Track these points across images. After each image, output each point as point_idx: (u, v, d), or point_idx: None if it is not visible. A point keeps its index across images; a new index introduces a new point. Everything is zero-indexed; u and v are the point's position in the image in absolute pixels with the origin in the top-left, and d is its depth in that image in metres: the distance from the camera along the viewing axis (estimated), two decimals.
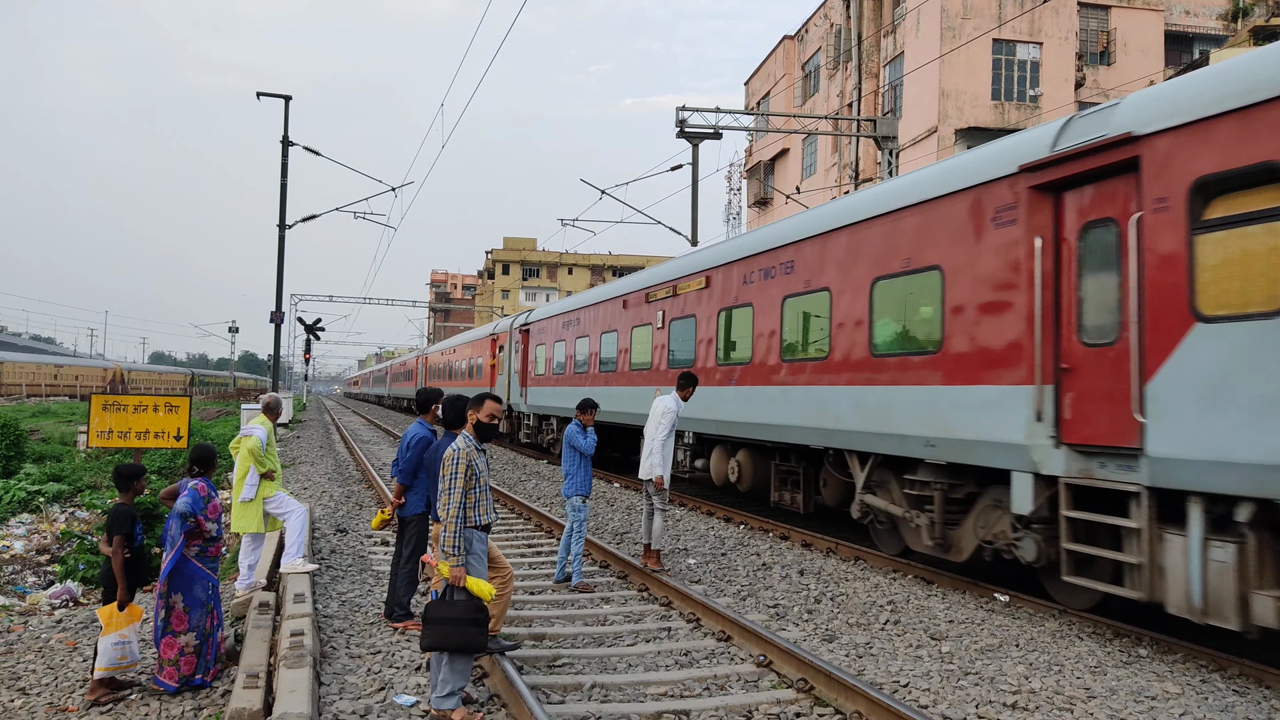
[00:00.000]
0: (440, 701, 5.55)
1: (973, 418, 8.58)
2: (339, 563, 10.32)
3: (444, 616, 5.48)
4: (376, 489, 16.80)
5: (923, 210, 9.50)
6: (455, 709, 5.52)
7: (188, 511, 6.52)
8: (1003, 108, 32.16)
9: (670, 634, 7.68)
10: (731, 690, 6.29)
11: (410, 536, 7.89)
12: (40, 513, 16.70)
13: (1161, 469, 6.74)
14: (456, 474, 5.63)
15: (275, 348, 28.28)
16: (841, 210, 11.17)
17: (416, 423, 8.04)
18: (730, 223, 62.41)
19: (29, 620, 8.79)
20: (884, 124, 24.08)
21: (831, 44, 40.02)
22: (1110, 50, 33.48)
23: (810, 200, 32.15)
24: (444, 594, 5.59)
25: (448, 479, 5.64)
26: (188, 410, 11.52)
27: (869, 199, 10.71)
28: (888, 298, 10.08)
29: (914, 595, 8.83)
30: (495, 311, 74.12)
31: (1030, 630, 7.60)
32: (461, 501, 5.62)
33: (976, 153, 9.18)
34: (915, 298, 9.65)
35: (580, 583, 9.33)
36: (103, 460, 22.01)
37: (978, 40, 31.19)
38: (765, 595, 8.98)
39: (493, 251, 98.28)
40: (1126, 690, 6.15)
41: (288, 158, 25.52)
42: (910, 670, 6.56)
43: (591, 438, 9.64)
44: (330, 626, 7.62)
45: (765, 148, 46.70)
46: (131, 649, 6.39)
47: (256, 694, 5.44)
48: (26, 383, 72.60)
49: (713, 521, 13.64)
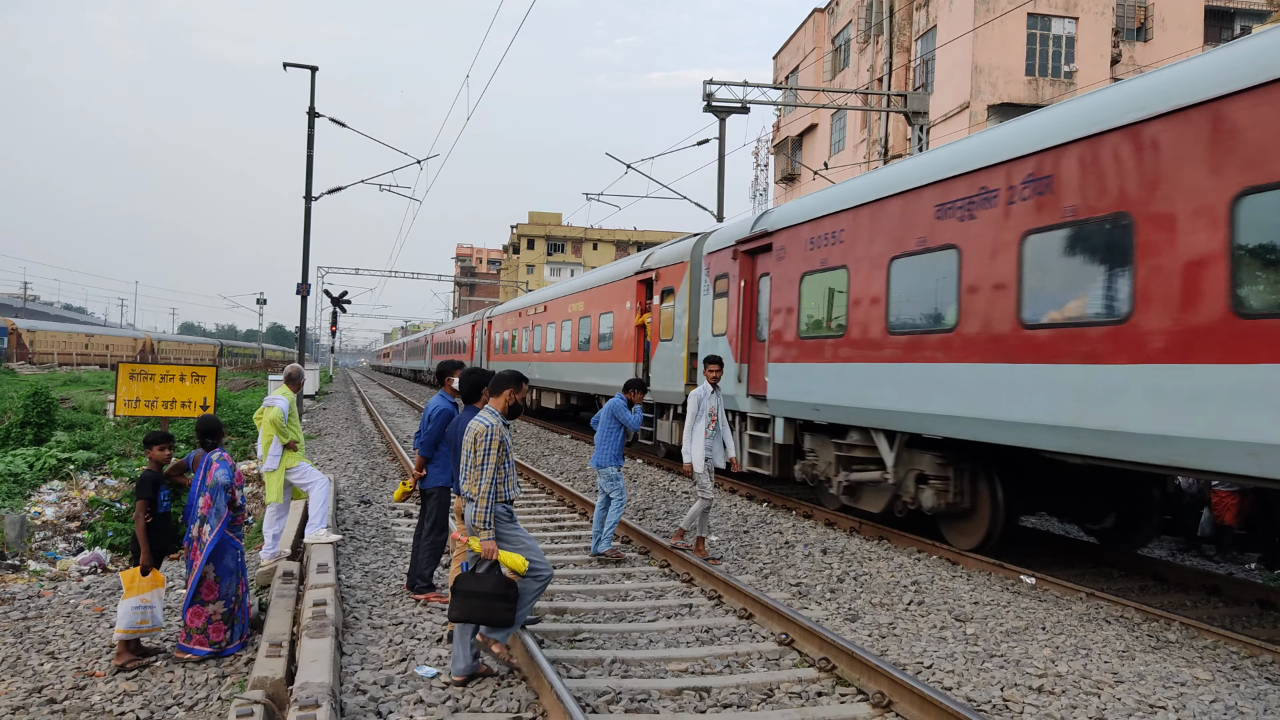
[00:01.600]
0: (461, 671, 5.74)
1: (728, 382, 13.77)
2: (362, 534, 10.37)
3: (473, 590, 5.56)
4: (400, 461, 16.88)
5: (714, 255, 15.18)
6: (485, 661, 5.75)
7: (229, 482, 6.57)
8: (1037, 84, 31.59)
9: (691, 610, 7.66)
10: (753, 668, 6.26)
11: (431, 509, 7.90)
12: (70, 480, 16.94)
13: (772, 405, 12.65)
14: (490, 450, 5.68)
15: (302, 320, 28.42)
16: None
17: (438, 395, 8.06)
18: (756, 199, 61.96)
19: (58, 586, 8.91)
20: (915, 99, 23.72)
21: (862, 17, 39.43)
22: (1148, 26, 32.74)
23: (838, 177, 31.77)
24: (473, 567, 5.68)
25: (480, 455, 5.68)
26: (214, 380, 11.60)
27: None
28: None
29: (938, 576, 8.75)
30: (520, 286, 74.11)
31: (1057, 613, 7.51)
32: (493, 478, 5.67)
33: (727, 224, 15.91)
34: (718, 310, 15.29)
35: (612, 549, 9.36)
36: (131, 429, 22.27)
37: (1012, 14, 30.59)
38: (787, 574, 8.93)
39: (518, 226, 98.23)
40: (1155, 675, 6.05)
41: (314, 129, 25.51)
42: (934, 651, 6.50)
43: (638, 413, 9.68)
44: (353, 597, 7.66)
45: (793, 123, 46.21)
46: (154, 614, 6.43)
47: (279, 663, 5.47)
48: (58, 351, 73.62)
49: (735, 499, 13.60)
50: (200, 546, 6.49)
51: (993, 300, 8.70)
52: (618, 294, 20.19)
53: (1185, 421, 6.79)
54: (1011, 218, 8.54)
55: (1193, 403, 6.74)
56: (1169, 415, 6.93)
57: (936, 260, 9.50)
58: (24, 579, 9.90)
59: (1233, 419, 6.45)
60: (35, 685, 5.96)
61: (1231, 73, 6.69)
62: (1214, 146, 6.70)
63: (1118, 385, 7.34)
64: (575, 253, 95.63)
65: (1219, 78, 6.78)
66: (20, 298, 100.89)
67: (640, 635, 6.90)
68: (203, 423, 7.10)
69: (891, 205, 10.32)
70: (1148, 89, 7.45)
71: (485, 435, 5.70)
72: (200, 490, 6.62)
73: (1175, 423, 6.87)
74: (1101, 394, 7.47)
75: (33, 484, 16.38)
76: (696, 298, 15.95)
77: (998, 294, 8.63)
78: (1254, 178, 6.38)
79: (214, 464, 6.68)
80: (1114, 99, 7.79)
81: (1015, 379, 8.38)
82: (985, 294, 8.81)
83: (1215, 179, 6.65)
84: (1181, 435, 6.82)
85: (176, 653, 6.45)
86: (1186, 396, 6.79)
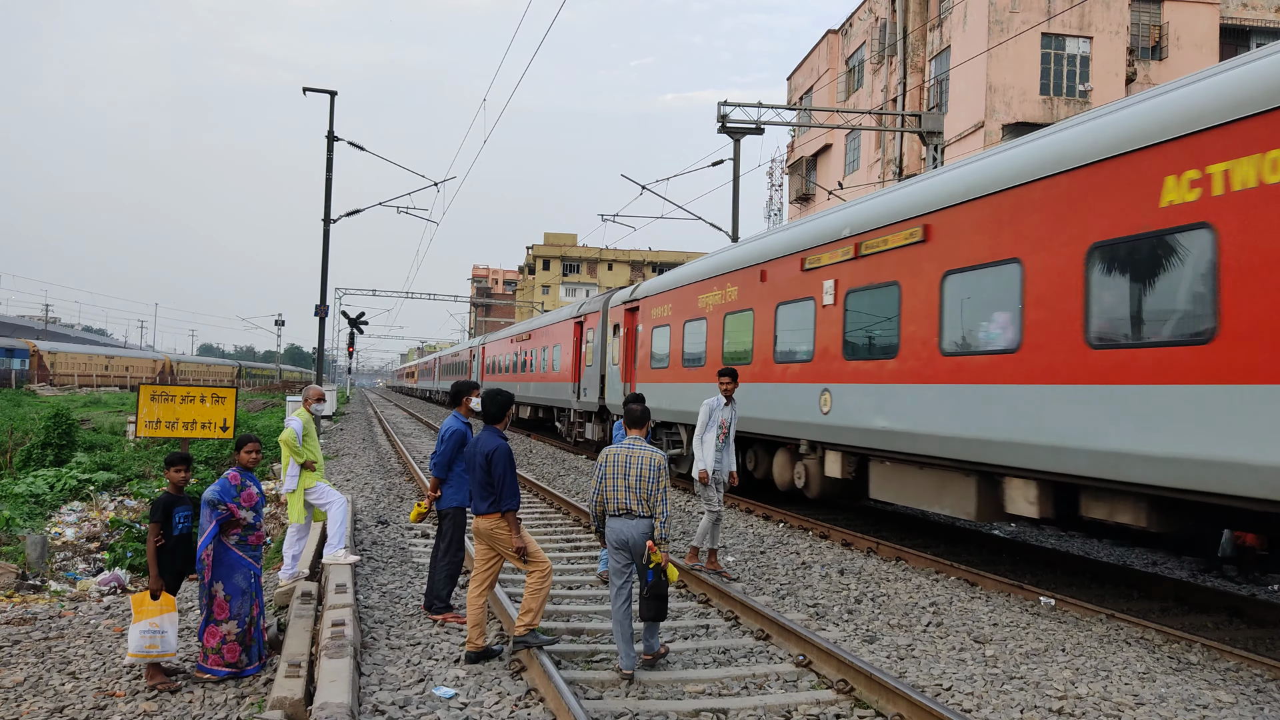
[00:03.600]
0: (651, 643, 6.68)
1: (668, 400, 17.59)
2: (380, 554, 10.41)
3: (660, 594, 6.51)
4: (417, 481, 16.94)
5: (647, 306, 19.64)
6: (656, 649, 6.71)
7: (215, 500, 6.56)
8: (1051, 103, 31.59)
9: (709, 631, 7.64)
10: (770, 690, 6.24)
11: (447, 530, 7.91)
12: (90, 501, 17.08)
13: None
14: (666, 477, 6.77)
15: (320, 341, 28.61)
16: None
17: (451, 416, 8.03)
18: (771, 219, 62.05)
19: (79, 606, 8.98)
20: (929, 119, 23.76)
21: (876, 38, 39.58)
22: (1163, 44, 32.72)
23: (851, 196, 31.82)
24: (658, 575, 6.50)
25: (663, 481, 6.63)
26: (234, 401, 11.69)
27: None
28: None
29: (957, 597, 8.70)
30: (536, 307, 74.42)
31: (1077, 635, 7.45)
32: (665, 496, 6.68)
33: (623, 289, 22.19)
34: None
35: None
36: (151, 450, 22.44)
37: (1026, 34, 30.65)
38: (805, 594, 8.90)
39: (533, 247, 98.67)
40: (1177, 698, 6.00)
41: (333, 153, 25.78)
42: (953, 673, 6.46)
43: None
44: (371, 617, 7.68)
45: (807, 143, 46.34)
46: (165, 639, 6.32)
47: (298, 683, 5.49)
48: (78, 373, 74.33)
49: (751, 519, 13.57)
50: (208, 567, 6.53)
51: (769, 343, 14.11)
52: (563, 332, 27.30)
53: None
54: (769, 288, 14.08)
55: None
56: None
57: (743, 317, 14.67)
58: (45, 599, 9.98)
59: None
60: (57, 705, 6.00)
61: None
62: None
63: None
64: (591, 273, 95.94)
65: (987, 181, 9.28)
66: (42, 320, 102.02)
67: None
68: (238, 440, 7.19)
69: (695, 286, 16.73)
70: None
71: (664, 465, 6.65)
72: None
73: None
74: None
75: (53, 505, 16.52)
76: (605, 337, 22.49)
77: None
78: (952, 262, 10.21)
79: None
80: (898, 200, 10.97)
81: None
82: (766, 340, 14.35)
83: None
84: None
85: (196, 673, 6.48)
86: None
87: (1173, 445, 6.93)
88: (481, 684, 6.16)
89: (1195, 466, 6.77)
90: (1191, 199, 6.90)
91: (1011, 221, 8.72)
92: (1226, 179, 6.65)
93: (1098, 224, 7.75)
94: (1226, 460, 6.55)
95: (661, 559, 6.49)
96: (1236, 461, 6.48)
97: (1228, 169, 6.65)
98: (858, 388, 11.16)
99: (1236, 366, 6.52)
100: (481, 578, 6.77)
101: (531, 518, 13.45)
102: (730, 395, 10.01)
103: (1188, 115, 7.07)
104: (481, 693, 5.98)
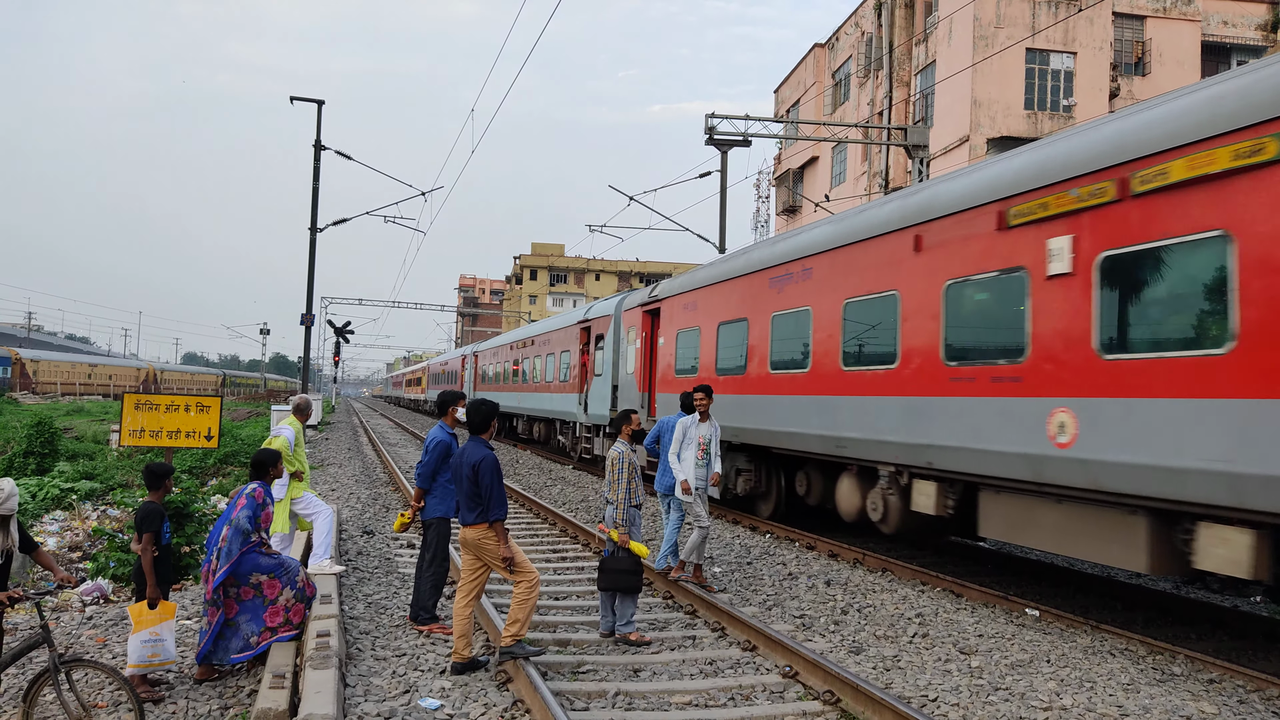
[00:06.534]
0: (624, 627, 7.57)
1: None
2: (365, 564, 10.36)
3: (615, 568, 7.59)
4: (403, 490, 16.87)
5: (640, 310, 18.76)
6: (634, 630, 7.59)
7: (249, 529, 6.56)
8: (1036, 117, 31.86)
9: (695, 643, 7.64)
10: (757, 701, 6.24)
11: (431, 540, 7.88)
12: (73, 510, 16.93)
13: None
14: (623, 470, 8.09)
15: (305, 350, 28.53)
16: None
17: (437, 426, 8.03)
18: (758, 230, 62.32)
19: (60, 616, 8.89)
20: (915, 132, 23.94)
21: (862, 52, 39.85)
22: (1145, 61, 33.08)
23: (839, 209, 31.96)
24: (614, 552, 7.71)
25: (615, 473, 8.10)
26: (219, 411, 11.62)
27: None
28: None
29: (942, 608, 8.73)
30: (523, 317, 74.37)
31: (1061, 646, 7.49)
32: (629, 488, 8.04)
33: (637, 291, 20.30)
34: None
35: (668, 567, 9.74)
36: (134, 459, 22.27)
37: (1010, 49, 30.92)
38: (791, 605, 8.91)
39: (520, 257, 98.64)
40: (1161, 709, 6.03)
41: (320, 162, 25.77)
42: (939, 684, 6.48)
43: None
44: (356, 628, 7.64)
45: (794, 155, 46.56)
46: (165, 647, 6.37)
47: (282, 694, 5.46)
48: (61, 381, 73.74)
49: (738, 530, 13.57)
50: (213, 578, 6.50)
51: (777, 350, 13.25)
52: (567, 339, 24.88)
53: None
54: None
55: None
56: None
57: (738, 326, 14.23)
58: (25, 610, 9.87)
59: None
60: (40, 716, 5.94)
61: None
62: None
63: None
64: (578, 283, 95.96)
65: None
66: (24, 327, 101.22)
67: (644, 667, 6.89)
68: (256, 455, 7.17)
69: (722, 286, 14.93)
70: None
71: (625, 460, 8.11)
72: (226, 519, 6.63)
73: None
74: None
75: (35, 514, 16.36)
76: (618, 344, 20.39)
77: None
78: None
79: (242, 499, 6.68)
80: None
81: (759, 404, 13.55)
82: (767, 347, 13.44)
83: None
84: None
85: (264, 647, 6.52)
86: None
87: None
88: (467, 695, 6.14)
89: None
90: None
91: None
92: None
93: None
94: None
95: (618, 538, 7.71)
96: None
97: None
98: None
99: (1035, 385, 8.24)
100: (468, 588, 6.76)
101: (518, 528, 13.41)
102: (706, 411, 9.86)
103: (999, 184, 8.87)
104: (467, 704, 5.96)
